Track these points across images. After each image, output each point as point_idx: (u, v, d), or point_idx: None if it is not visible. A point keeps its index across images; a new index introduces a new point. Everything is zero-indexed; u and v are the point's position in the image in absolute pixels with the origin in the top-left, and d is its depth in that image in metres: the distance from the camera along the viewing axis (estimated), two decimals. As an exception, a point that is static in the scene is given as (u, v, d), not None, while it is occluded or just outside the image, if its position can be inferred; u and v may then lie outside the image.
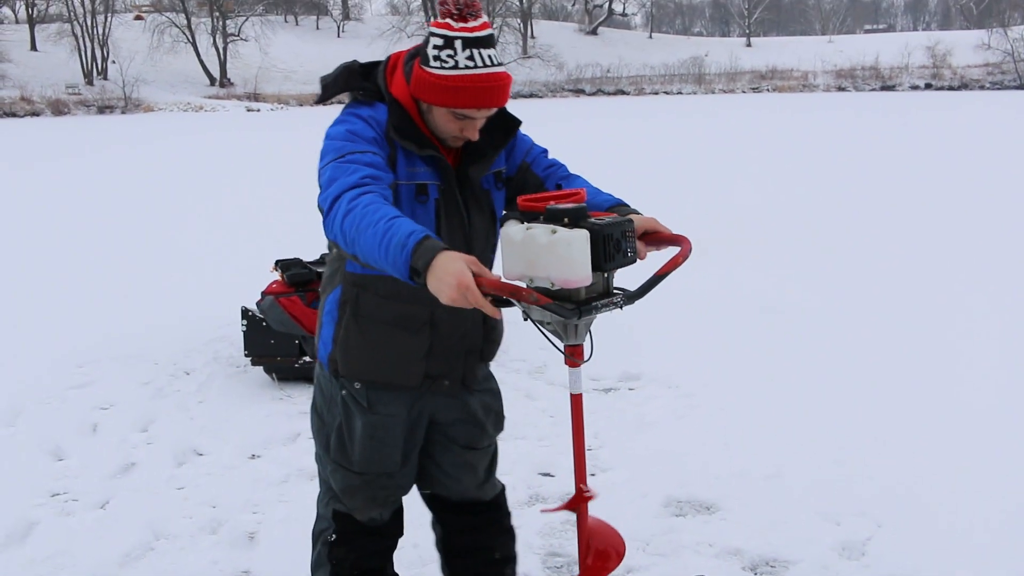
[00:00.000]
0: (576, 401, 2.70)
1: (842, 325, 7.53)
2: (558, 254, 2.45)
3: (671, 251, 2.72)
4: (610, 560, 2.78)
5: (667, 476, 4.84)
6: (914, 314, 7.80)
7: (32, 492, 4.80)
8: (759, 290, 8.71)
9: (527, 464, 4.88)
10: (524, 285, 2.49)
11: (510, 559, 3.35)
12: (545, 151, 3.08)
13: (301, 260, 6.62)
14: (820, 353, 6.80)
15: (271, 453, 5.31)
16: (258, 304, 6.39)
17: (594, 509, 2.76)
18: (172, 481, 4.97)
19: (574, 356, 2.59)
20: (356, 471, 3.01)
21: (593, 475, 4.80)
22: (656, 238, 2.78)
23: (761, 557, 4.08)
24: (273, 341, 6.31)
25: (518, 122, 2.93)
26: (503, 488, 3.35)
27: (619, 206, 2.85)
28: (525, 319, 2.58)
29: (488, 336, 3.04)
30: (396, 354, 2.87)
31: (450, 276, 2.29)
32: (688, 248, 2.69)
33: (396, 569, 3.35)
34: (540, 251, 2.46)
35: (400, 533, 3.29)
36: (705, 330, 7.48)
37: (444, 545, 3.36)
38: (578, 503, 2.73)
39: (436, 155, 2.77)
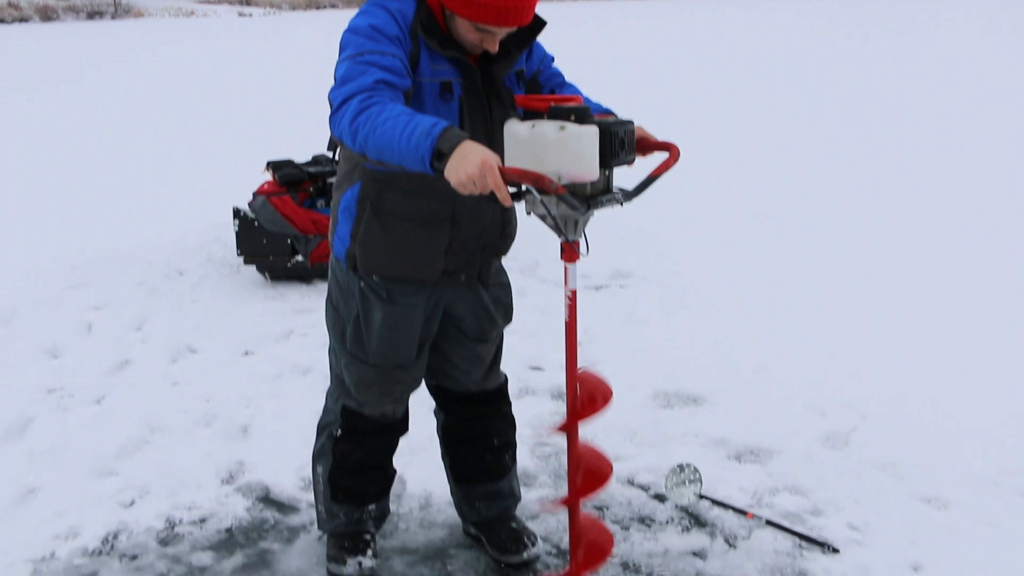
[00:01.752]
0: (571, 296, 2.73)
1: (834, 228, 7.54)
2: (568, 149, 2.47)
3: (661, 156, 2.79)
4: (596, 403, 2.81)
5: (655, 370, 4.91)
6: (908, 217, 7.82)
7: (29, 389, 4.86)
8: (751, 195, 8.70)
9: (517, 358, 4.93)
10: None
11: (509, 445, 3.42)
12: (552, 58, 3.08)
13: (293, 161, 6.60)
14: (811, 254, 6.83)
15: (264, 350, 5.36)
16: (250, 204, 6.38)
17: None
18: (167, 377, 5.03)
19: (572, 252, 2.63)
20: (372, 363, 3.04)
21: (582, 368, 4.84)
22: (645, 144, 2.81)
23: (746, 447, 4.16)
24: (265, 241, 6.33)
25: (543, 23, 2.90)
26: (506, 378, 3.40)
27: (609, 114, 2.85)
28: (528, 214, 2.61)
29: (504, 231, 3.06)
30: (416, 250, 2.88)
31: (475, 156, 2.32)
32: (677, 152, 2.78)
33: (388, 460, 3.41)
34: (549, 146, 2.48)
35: (405, 430, 3.34)
36: (697, 231, 7.49)
37: (445, 432, 3.42)
38: (568, 348, 2.76)
39: (459, 56, 2.75)
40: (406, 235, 2.87)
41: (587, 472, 2.83)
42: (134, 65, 26.32)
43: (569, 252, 2.63)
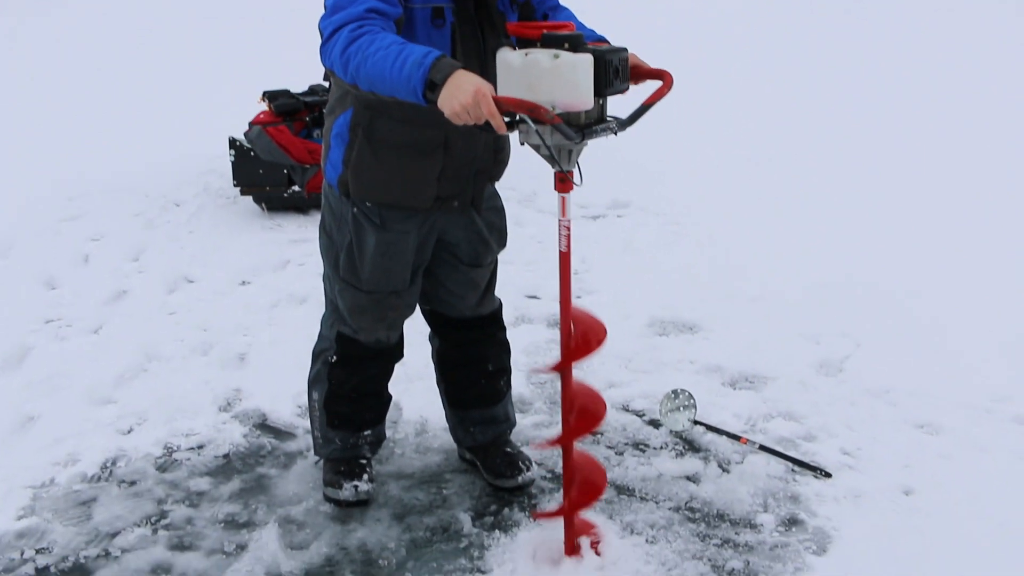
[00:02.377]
0: (566, 228, 2.73)
1: (831, 158, 7.50)
2: (563, 78, 2.45)
3: (655, 84, 2.76)
4: (591, 344, 2.83)
5: (651, 298, 4.92)
6: (903, 148, 7.77)
7: (27, 319, 4.87)
8: (748, 125, 8.64)
9: (514, 287, 4.93)
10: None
11: (504, 370, 3.43)
12: None
13: (289, 91, 6.55)
14: (808, 185, 6.80)
15: (261, 279, 5.36)
16: (246, 134, 6.35)
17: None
18: (164, 307, 5.04)
19: (566, 182, 2.62)
20: (365, 290, 3.04)
21: (579, 297, 4.86)
22: (638, 72, 2.78)
23: (741, 373, 4.18)
24: (261, 171, 6.30)
25: None
26: (500, 304, 3.40)
27: (602, 41, 2.82)
28: (522, 144, 2.60)
29: (497, 156, 3.04)
30: (409, 177, 2.86)
31: (468, 85, 2.32)
32: (671, 80, 2.74)
33: (385, 386, 3.43)
34: (543, 75, 2.46)
35: (400, 356, 3.35)
36: (694, 162, 7.45)
37: (440, 358, 3.43)
38: (561, 298, 2.77)
39: None
40: (398, 162, 2.85)
41: (581, 412, 2.85)
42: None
43: (563, 182, 2.64)
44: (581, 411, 2.86)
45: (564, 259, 2.73)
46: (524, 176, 6.32)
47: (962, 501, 3.24)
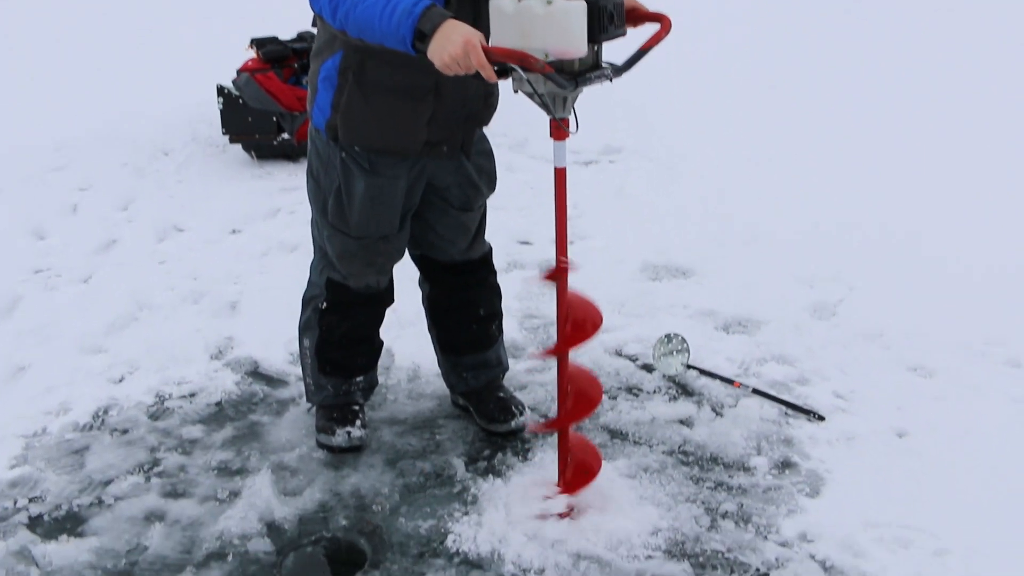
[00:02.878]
0: (560, 175, 2.70)
1: (822, 104, 7.42)
2: (556, 25, 2.41)
3: (652, 27, 2.72)
4: (587, 330, 2.84)
5: (644, 243, 4.89)
6: (899, 86, 7.71)
7: (16, 269, 4.83)
8: (742, 69, 8.56)
9: (507, 233, 4.90)
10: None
11: (495, 315, 3.41)
12: None
13: (277, 38, 6.47)
14: (800, 130, 6.74)
15: (251, 228, 5.33)
16: (234, 82, 6.27)
17: (570, 274, 2.79)
18: (154, 256, 5.01)
19: (561, 129, 2.59)
20: (354, 235, 3.00)
21: (572, 243, 4.79)
22: (636, 15, 2.74)
23: (734, 317, 4.16)
24: (250, 119, 6.23)
25: None
26: (491, 248, 3.37)
27: None
28: (515, 91, 2.57)
29: (487, 101, 2.99)
30: (399, 121, 2.82)
31: (458, 36, 2.29)
32: (669, 24, 2.70)
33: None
34: (536, 22, 2.42)
35: (391, 301, 3.33)
36: (688, 107, 7.38)
37: (431, 303, 3.40)
38: (558, 276, 2.75)
39: None
40: (389, 107, 2.81)
41: (577, 396, 2.86)
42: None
43: (558, 130, 2.60)
44: (578, 395, 2.87)
45: (560, 206, 2.71)
46: (516, 122, 6.26)
47: (955, 443, 3.24)
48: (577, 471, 2.89)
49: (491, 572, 2.67)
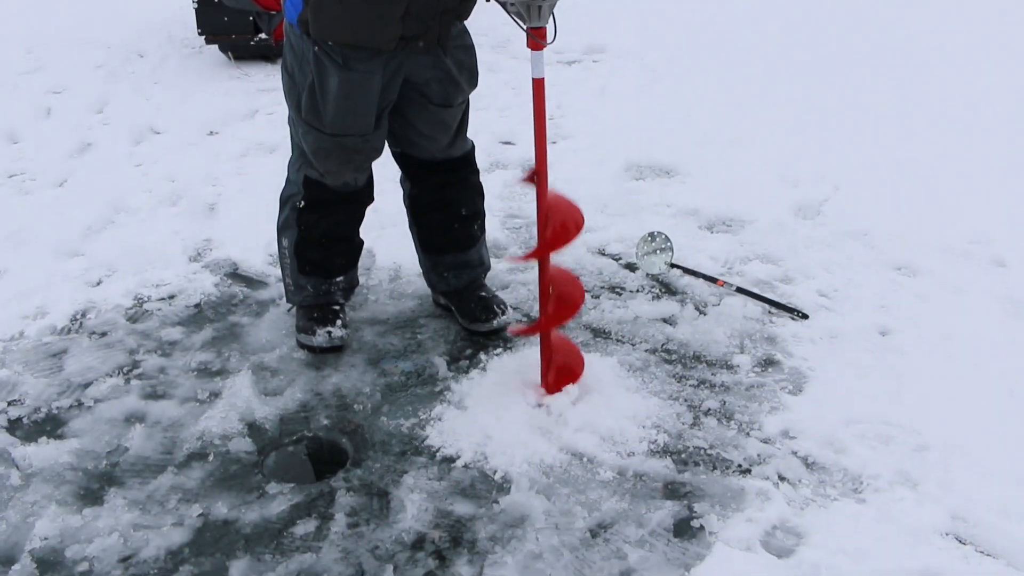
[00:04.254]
0: (538, 85, 2.64)
1: (813, 3, 7.35)
2: None
3: None
4: (568, 232, 2.80)
5: (627, 143, 4.83)
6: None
7: (-11, 173, 4.76)
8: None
9: (489, 133, 4.84)
10: None
11: (477, 214, 3.35)
12: None
13: (252, -67, 6.29)
14: (788, 27, 6.66)
15: (229, 129, 5.24)
16: (209, -21, 6.13)
17: (553, 174, 2.75)
18: (130, 159, 4.93)
19: (537, 38, 2.53)
20: (328, 132, 2.93)
21: (554, 143, 4.76)
22: None
23: (718, 216, 4.13)
24: (226, 18, 6.10)
25: None
26: (473, 146, 3.30)
27: None
28: (488, 0, 2.50)
29: None
30: (371, 16, 2.72)
31: None
32: None
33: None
34: None
35: (370, 199, 3.27)
36: (672, 5, 7.26)
37: (412, 202, 3.34)
38: (537, 181, 2.71)
39: None
40: (360, 0, 2.72)
41: (559, 299, 2.83)
42: None
43: (534, 39, 2.53)
44: (559, 298, 2.84)
45: (538, 116, 2.65)
46: (498, 22, 6.15)
47: (937, 341, 3.24)
48: (559, 373, 2.88)
49: (473, 469, 2.67)
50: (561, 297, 2.86)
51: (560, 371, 2.89)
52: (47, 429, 2.90)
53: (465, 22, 3.01)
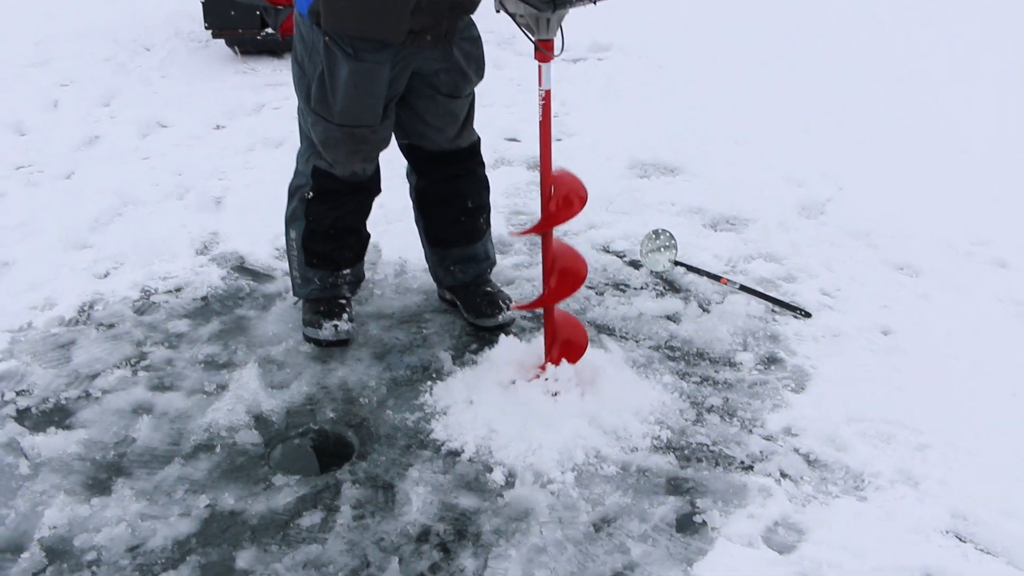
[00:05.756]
0: (545, 97, 2.68)
1: (820, 8, 7.36)
2: None
3: None
4: (572, 206, 2.82)
5: (632, 141, 4.86)
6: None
7: (-3, 165, 4.78)
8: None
9: (494, 129, 4.86)
10: None
11: (483, 207, 3.38)
12: None
13: (259, -72, 6.32)
14: (794, 26, 6.68)
15: (236, 123, 5.27)
16: (216, -26, 6.15)
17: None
18: (137, 151, 4.95)
19: (545, 51, 2.56)
20: (337, 123, 2.96)
21: (559, 140, 4.79)
22: None
23: (722, 215, 4.15)
24: (233, 13, 6.12)
25: None
26: (479, 138, 3.32)
27: None
28: (498, 11, 2.56)
29: None
30: (382, 9, 2.75)
31: None
32: None
33: (363, 228, 3.39)
34: None
35: (378, 190, 3.29)
36: (676, 4, 7.28)
37: (419, 195, 3.37)
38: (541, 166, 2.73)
39: None
40: None
41: (562, 274, 2.85)
42: None
43: (541, 51, 2.56)
44: (562, 273, 2.85)
45: (544, 129, 2.70)
46: (503, 18, 6.18)
47: (939, 340, 3.26)
48: (564, 347, 2.89)
49: (478, 463, 2.69)
50: (564, 272, 2.87)
51: (565, 345, 2.90)
52: (55, 419, 2.92)
53: (471, 15, 3.04)
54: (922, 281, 3.64)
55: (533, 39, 2.57)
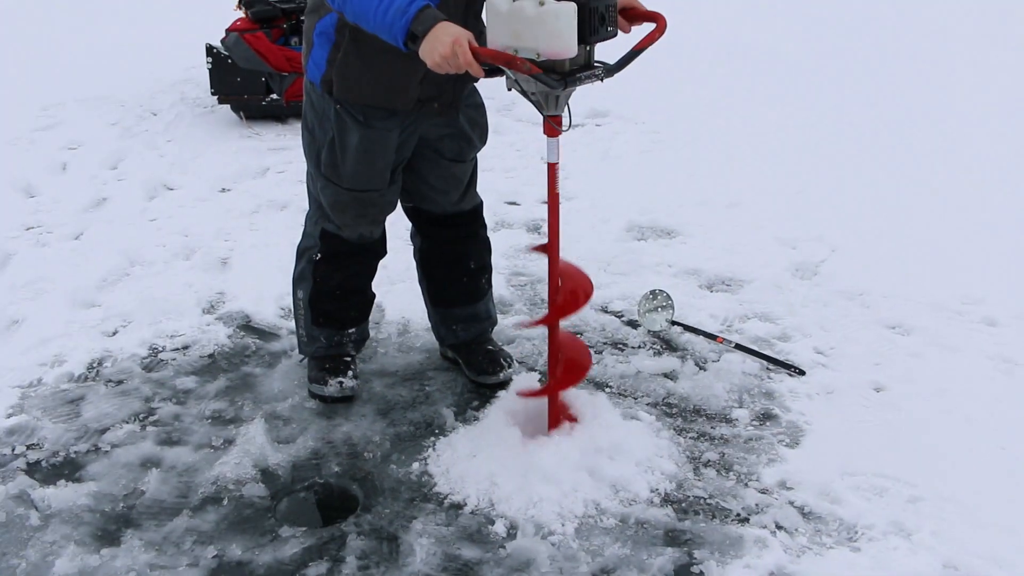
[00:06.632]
0: (552, 169, 2.79)
1: (808, 70, 7.49)
2: (546, 26, 2.47)
3: (648, 26, 2.78)
4: (578, 301, 2.95)
5: (629, 204, 4.96)
6: (886, 42, 7.77)
7: (6, 226, 4.87)
8: (728, 36, 8.61)
9: (494, 194, 4.96)
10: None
11: (485, 268, 3.47)
12: None
13: (266, -2, 6.48)
14: (785, 96, 6.81)
15: (241, 186, 5.37)
16: (223, 42, 6.29)
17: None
18: (144, 213, 5.05)
19: (554, 125, 2.67)
20: (346, 187, 3.06)
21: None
22: (633, 14, 2.80)
23: (718, 276, 4.24)
24: (239, 79, 6.26)
25: None
26: (481, 201, 3.43)
27: None
28: (509, 89, 2.66)
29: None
30: (392, 79, 2.87)
31: (447, 36, 2.41)
32: (664, 24, 2.75)
33: (366, 289, 3.47)
34: (528, 23, 2.48)
35: (383, 253, 3.39)
36: (674, 72, 7.42)
37: (423, 256, 3.46)
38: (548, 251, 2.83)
39: None
40: (384, 64, 2.85)
41: (568, 364, 2.95)
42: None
43: (550, 127, 2.67)
44: (568, 363, 2.95)
45: (553, 202, 2.81)
46: (501, 85, 6.31)
47: (931, 397, 3.32)
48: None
49: (480, 515, 2.75)
50: (570, 362, 2.97)
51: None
52: (65, 472, 2.98)
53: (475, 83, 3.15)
54: (914, 339, 3.71)
55: (544, 114, 2.67)
